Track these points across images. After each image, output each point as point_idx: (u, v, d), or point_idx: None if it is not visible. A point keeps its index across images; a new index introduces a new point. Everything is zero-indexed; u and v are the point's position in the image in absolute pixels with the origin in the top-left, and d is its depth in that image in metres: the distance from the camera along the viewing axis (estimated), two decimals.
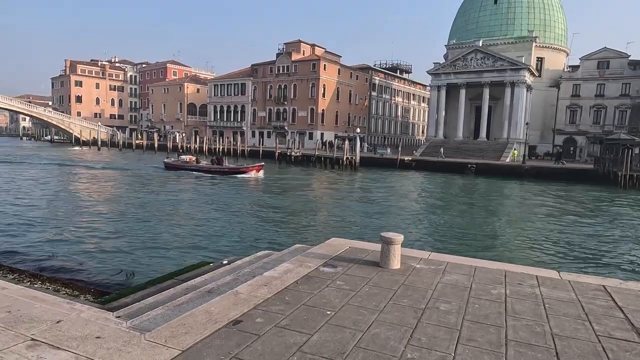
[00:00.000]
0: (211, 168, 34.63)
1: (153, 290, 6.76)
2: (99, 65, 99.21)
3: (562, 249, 13.88)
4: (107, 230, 14.43)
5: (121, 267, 10.57)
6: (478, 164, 42.11)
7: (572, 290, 5.70)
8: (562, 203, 25.11)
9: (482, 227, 17.37)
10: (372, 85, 76.52)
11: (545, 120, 59.36)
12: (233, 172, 33.84)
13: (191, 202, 21.12)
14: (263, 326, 4.16)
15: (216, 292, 5.56)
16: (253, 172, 33.57)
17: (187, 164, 36.47)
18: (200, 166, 35.73)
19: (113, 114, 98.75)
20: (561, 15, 61.55)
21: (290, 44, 69.48)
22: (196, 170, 34.94)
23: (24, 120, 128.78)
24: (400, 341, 3.97)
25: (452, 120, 57.59)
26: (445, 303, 5.01)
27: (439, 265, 6.59)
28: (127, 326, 4.28)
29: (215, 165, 35.01)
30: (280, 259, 7.19)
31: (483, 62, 53.61)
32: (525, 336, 4.19)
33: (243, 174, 33.39)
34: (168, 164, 37.84)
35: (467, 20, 63.54)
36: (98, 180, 29.24)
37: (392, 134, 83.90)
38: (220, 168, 34.38)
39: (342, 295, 5.10)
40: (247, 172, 33.62)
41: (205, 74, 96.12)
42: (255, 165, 34.92)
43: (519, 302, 5.13)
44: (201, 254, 11.58)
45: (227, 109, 75.76)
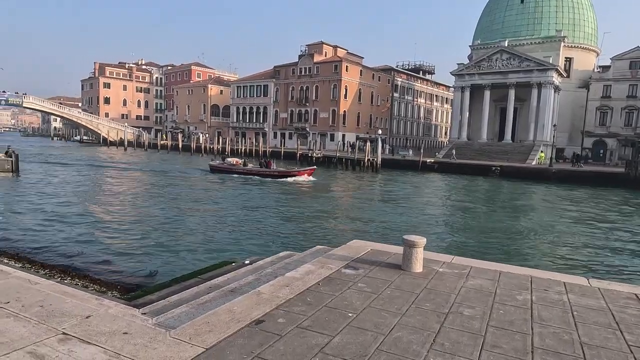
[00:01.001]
0: (260, 171, 33.61)
1: (177, 288, 6.89)
2: (127, 68, 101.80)
3: (591, 255, 13.45)
4: (137, 229, 14.77)
5: (147, 264, 10.83)
6: (502, 167, 41.25)
7: (602, 298, 5.53)
8: (591, 208, 24.34)
9: (507, 231, 17.00)
10: (394, 86, 75.97)
11: (573, 122, 57.72)
12: (283, 175, 32.82)
13: (222, 204, 21.41)
14: (285, 326, 4.19)
15: (239, 292, 5.62)
16: (304, 175, 32.52)
17: (234, 167, 35.42)
18: (247, 169, 34.71)
19: (139, 115, 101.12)
20: (591, 14, 59.73)
21: (312, 46, 69.69)
22: (243, 174, 33.94)
23: (55, 121, 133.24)
24: (422, 345, 3.93)
25: (476, 122, 56.63)
26: (469, 308, 4.93)
27: (462, 270, 6.49)
28: (152, 323, 4.38)
29: (263, 169, 33.90)
30: (301, 260, 7.22)
31: (509, 62, 52.51)
32: (553, 344, 4.09)
33: (293, 177, 32.31)
34: (214, 166, 36.78)
35: (492, 20, 62.39)
36: (140, 182, 29.76)
37: (414, 136, 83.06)
38: (269, 171, 33.33)
39: (363, 298, 5.09)
40: (298, 176, 32.44)
41: (228, 76, 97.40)
42: (307, 168, 33.86)
43: (545, 309, 5.01)
44: (224, 253, 11.73)
45: (249, 110, 76.55)
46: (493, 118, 57.15)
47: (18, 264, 9.49)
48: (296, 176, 32.36)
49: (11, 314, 4.22)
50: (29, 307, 4.41)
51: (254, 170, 34.27)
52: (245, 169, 34.84)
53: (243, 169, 34.87)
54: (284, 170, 34.04)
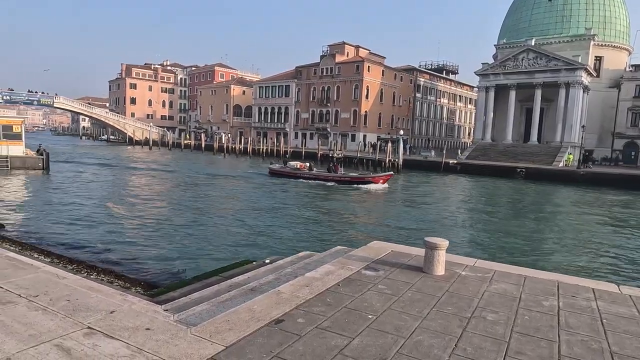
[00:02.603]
0: (328, 177, 30.64)
1: (199, 286, 6.97)
2: (152, 69, 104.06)
3: (621, 261, 12.97)
4: (163, 228, 15.02)
5: (171, 262, 11.03)
6: (528, 169, 40.25)
7: (634, 305, 5.31)
8: (621, 212, 23.49)
9: (532, 234, 16.57)
10: (416, 86, 75.19)
11: (603, 123, 55.84)
12: (356, 181, 29.90)
13: (256, 204, 21.58)
14: (304, 327, 4.18)
15: (259, 291, 5.65)
16: (379, 182, 29.33)
17: (298, 171, 32.70)
18: (314, 174, 31.83)
19: (164, 115, 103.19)
20: (623, 11, 57.67)
21: (334, 46, 69.66)
22: (308, 179, 31.23)
23: (84, 120, 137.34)
24: (444, 350, 3.85)
25: (500, 123, 55.45)
26: (493, 313, 4.81)
27: (485, 273, 6.35)
28: (174, 319, 4.44)
29: (332, 174, 30.95)
30: (321, 260, 7.20)
31: (535, 62, 51.19)
32: (581, 352, 3.95)
33: (367, 184, 29.15)
34: (274, 170, 34.32)
35: (518, 18, 60.98)
36: (172, 183, 30.23)
37: (437, 136, 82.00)
38: (341, 177, 30.50)
39: (384, 300, 5.03)
40: (373, 183, 29.27)
41: (250, 76, 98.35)
42: (382, 174, 30.67)
43: (573, 316, 4.84)
44: (245, 252, 11.83)
45: (271, 110, 77.07)
46: (518, 119, 55.83)
47: (47, 258, 9.80)
48: (371, 183, 29.25)
49: (39, 307, 4.34)
50: (56, 301, 4.53)
51: (321, 175, 31.47)
52: (312, 173, 32.03)
53: (309, 173, 32.07)
54: (356, 175, 31.18)
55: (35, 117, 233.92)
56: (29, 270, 5.69)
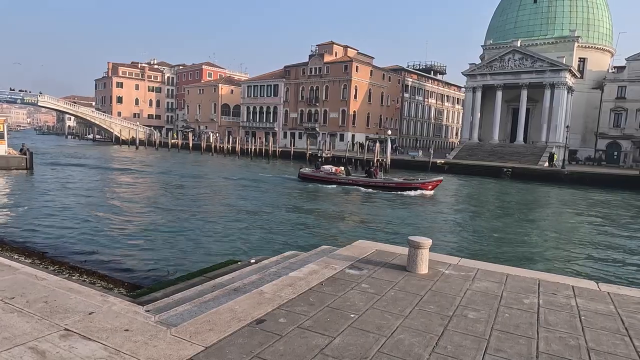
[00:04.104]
0: (369, 182, 28.45)
1: (182, 287, 6.90)
2: (139, 67, 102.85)
3: (601, 259, 13.21)
4: (149, 229, 14.84)
5: (156, 263, 10.91)
6: (514, 168, 40.78)
7: (612, 302, 5.41)
8: (604, 211, 23.93)
9: (516, 233, 16.78)
10: (404, 86, 75.60)
11: (587, 123, 56.86)
12: (401, 187, 27.41)
13: (238, 204, 21.49)
14: (286, 326, 4.16)
15: (242, 291, 5.62)
16: (428, 188, 27.06)
17: (334, 176, 30.18)
18: (352, 179, 29.64)
19: (151, 114, 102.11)
20: (606, 14, 58.78)
21: (322, 46, 69.65)
22: (347, 184, 29.06)
23: (69, 119, 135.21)
24: (424, 348, 3.87)
25: (487, 123, 56.08)
26: (474, 311, 4.85)
27: (468, 272, 6.40)
28: (155, 320, 4.39)
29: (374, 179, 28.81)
30: (306, 260, 7.20)
31: (521, 62, 51.89)
32: (558, 349, 4.00)
33: (414, 190, 26.75)
34: (306, 174, 31.54)
35: (504, 20, 61.76)
36: (156, 184, 30.09)
37: (425, 136, 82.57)
38: (384, 182, 28.36)
39: (366, 299, 5.04)
40: (422, 189, 26.87)
41: (239, 76, 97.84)
42: (432, 180, 27.73)
43: (552, 313, 4.91)
44: (232, 252, 11.77)
45: (259, 109, 76.78)
46: (505, 119, 56.54)
47: (28, 259, 9.61)
48: (419, 189, 26.93)
49: (15, 310, 4.26)
50: (33, 303, 4.45)
51: (360, 180, 29.14)
52: (350, 179, 29.71)
53: (347, 179, 29.71)
54: (401, 181, 28.44)
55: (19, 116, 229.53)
56: (7, 271, 5.57)
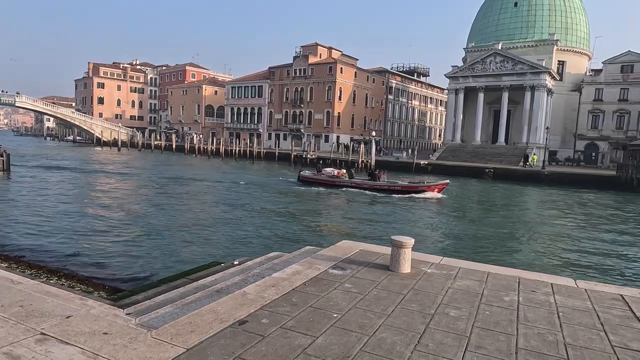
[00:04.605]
0: (374, 185, 27.71)
1: (164, 289, 6.82)
2: (121, 68, 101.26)
3: (579, 257, 13.52)
4: (131, 230, 14.64)
5: (138, 265, 10.75)
6: (496, 169, 41.45)
7: (589, 299, 5.54)
8: (582, 210, 24.51)
9: (498, 232, 17.06)
10: (388, 88, 76.17)
11: (566, 125, 58.15)
12: (407, 190, 26.80)
13: (222, 207, 21.30)
14: (268, 327, 4.15)
15: (224, 292, 5.57)
16: (434, 191, 26.52)
17: (337, 179, 29.48)
18: (355, 182, 28.83)
19: (133, 115, 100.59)
20: (583, 18, 60.27)
21: (307, 47, 69.71)
22: (350, 187, 28.37)
23: (48, 120, 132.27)
24: (406, 346, 3.90)
25: (469, 124, 56.89)
26: (455, 309, 4.91)
27: (450, 271, 6.48)
28: (135, 323, 4.33)
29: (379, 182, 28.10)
30: (290, 261, 7.18)
31: (502, 65, 52.83)
32: (537, 345, 4.08)
33: (421, 193, 26.23)
34: (306, 177, 30.77)
35: (486, 23, 62.77)
36: (138, 186, 29.67)
37: (409, 138, 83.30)
38: (390, 185, 27.55)
39: (349, 298, 5.06)
40: (428, 192, 26.40)
41: (223, 77, 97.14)
42: (438, 183, 27.56)
43: (531, 310, 5.00)
44: (215, 254, 11.66)
45: (244, 111, 76.38)
46: (487, 120, 57.45)
47: (4, 263, 9.37)
48: (426, 192, 26.46)
49: None
50: (8, 307, 4.33)
51: (365, 183, 28.34)
52: (353, 182, 28.90)
53: (350, 182, 28.96)
54: (407, 184, 27.95)
55: None
56: None
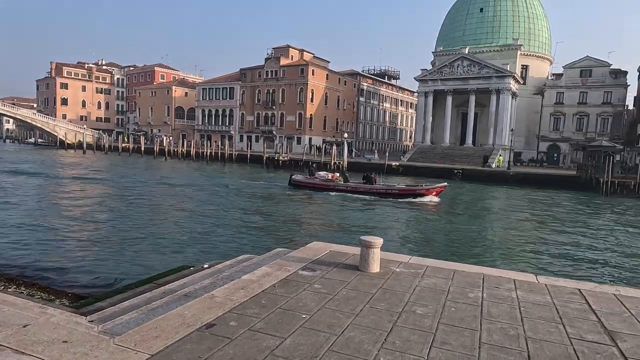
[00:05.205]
0: (371, 189, 27.03)
1: (130, 295, 6.64)
2: (86, 68, 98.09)
3: (541, 253, 14.05)
4: (97, 236, 14.17)
5: (103, 271, 10.41)
6: (464, 170, 42.53)
7: (548, 293, 5.75)
8: (545, 209, 25.47)
9: (465, 230, 17.50)
10: (360, 90, 76.94)
11: (529, 127, 60.34)
12: (405, 194, 26.26)
13: (191, 208, 20.90)
14: (236, 330, 4.11)
15: (192, 296, 5.48)
16: (431, 194, 26.11)
17: (331, 183, 28.70)
18: (351, 186, 27.95)
19: (99, 117, 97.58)
20: (545, 24, 62.80)
21: (278, 49, 69.59)
22: (345, 192, 27.46)
23: (7, 122, 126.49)
24: (374, 345, 3.95)
25: (439, 126, 58.17)
26: (422, 307, 5.01)
27: (418, 269, 6.60)
28: (97, 330, 4.20)
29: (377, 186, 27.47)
30: (260, 263, 7.14)
31: (469, 69, 54.33)
32: (499, 339, 4.21)
33: (418, 197, 25.82)
34: (297, 181, 29.90)
35: (454, 27, 64.45)
36: (102, 190, 28.72)
37: (380, 140, 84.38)
38: (387, 189, 27.01)
39: (318, 299, 5.07)
40: (426, 195, 25.95)
41: (193, 78, 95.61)
42: (436, 186, 26.91)
43: (495, 306, 5.16)
44: (184, 258, 11.44)
45: (215, 112, 75.43)
46: (455, 123, 58.91)
47: None
48: (423, 195, 26.03)
49: None
50: None
51: (361, 187, 27.56)
52: (349, 186, 28.06)
53: (345, 185, 28.13)
54: (404, 187, 27.49)
55: None
56: None
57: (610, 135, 52.42)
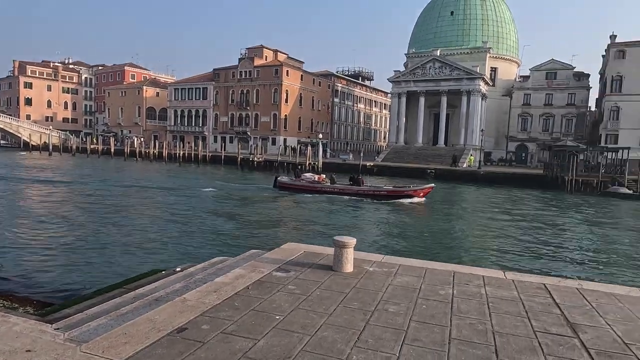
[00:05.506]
0: (359, 191, 26.73)
1: (99, 300, 6.47)
2: (51, 67, 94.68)
3: (509, 250, 14.48)
4: (64, 241, 13.68)
5: (72, 278, 10.08)
6: (437, 169, 43.35)
7: (515, 289, 5.95)
8: (513, 207, 26.26)
9: (438, 230, 17.84)
10: (334, 91, 77.30)
11: (499, 127, 62.09)
12: (392, 195, 26.19)
13: (164, 212, 20.46)
14: (208, 333, 4.07)
15: (164, 300, 5.38)
16: (419, 195, 26.10)
17: (317, 185, 28.23)
18: (338, 188, 27.56)
19: (66, 118, 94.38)
20: (512, 28, 64.78)
21: (252, 49, 69.12)
22: (332, 193, 27.08)
23: None
24: (347, 343, 3.99)
25: (412, 127, 59.10)
26: (394, 305, 5.09)
27: (391, 268, 6.69)
28: (63, 338, 4.07)
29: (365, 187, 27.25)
30: (233, 265, 7.07)
31: (441, 71, 55.45)
32: (468, 334, 4.32)
33: (405, 198, 25.70)
34: (284, 183, 29.38)
35: (425, 30, 65.64)
36: (77, 195, 27.73)
37: (355, 140, 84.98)
38: (374, 190, 26.93)
39: (292, 300, 5.08)
40: (414, 196, 25.86)
41: (165, 78, 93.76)
42: (423, 187, 26.87)
43: (464, 302, 5.29)
44: (156, 262, 11.21)
45: (187, 113, 74.22)
46: (428, 123, 60.01)
47: None
48: (411, 196, 25.89)
49: None
50: None
51: (347, 189, 27.20)
52: (335, 187, 27.70)
53: (332, 187, 27.75)
54: (392, 188, 27.45)
55: None
56: None
57: (574, 135, 54.54)
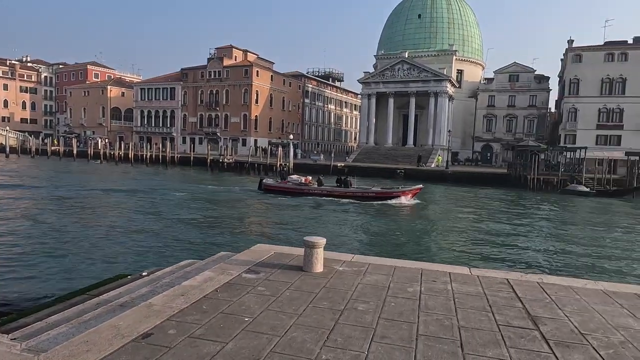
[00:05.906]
0: (347, 192, 26.74)
1: (60, 308, 6.21)
2: (8, 65, 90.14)
3: (475, 246, 14.93)
4: (25, 249, 13.05)
5: (31, 286, 9.63)
6: (406, 169, 44.09)
7: (480, 284, 6.12)
8: (479, 205, 27.07)
9: (407, 228, 18.15)
10: (305, 92, 77.32)
11: (465, 128, 63.79)
12: (381, 197, 26.22)
13: (129, 215, 19.84)
14: (175, 338, 3.99)
15: (129, 305, 5.24)
16: (408, 196, 26.21)
17: (305, 187, 27.95)
18: (327, 190, 27.37)
19: (25, 118, 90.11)
20: (477, 32, 66.73)
21: (221, 49, 68.20)
22: (321, 196, 26.90)
23: None
24: (316, 343, 4.00)
25: (382, 128, 59.87)
26: (364, 303, 5.14)
27: (360, 267, 6.76)
28: (20, 348, 3.90)
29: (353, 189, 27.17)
30: (202, 268, 6.95)
31: (409, 72, 56.45)
32: (435, 330, 4.42)
33: (394, 199, 25.79)
34: (269, 186, 28.80)
35: (394, 32, 66.67)
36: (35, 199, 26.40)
37: (325, 141, 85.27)
38: (363, 192, 26.81)
39: (262, 301, 5.05)
40: (402, 197, 25.98)
41: (130, 77, 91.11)
42: (411, 188, 27.00)
43: (432, 298, 5.41)
44: (120, 267, 10.88)
45: (155, 114, 72.44)
46: (397, 124, 60.95)
47: None
48: (400, 197, 25.96)
49: None
50: None
51: (336, 191, 27.06)
52: (324, 189, 27.41)
53: (320, 189, 27.46)
54: (380, 190, 27.14)
55: None
56: None
57: (535, 135, 56.71)
